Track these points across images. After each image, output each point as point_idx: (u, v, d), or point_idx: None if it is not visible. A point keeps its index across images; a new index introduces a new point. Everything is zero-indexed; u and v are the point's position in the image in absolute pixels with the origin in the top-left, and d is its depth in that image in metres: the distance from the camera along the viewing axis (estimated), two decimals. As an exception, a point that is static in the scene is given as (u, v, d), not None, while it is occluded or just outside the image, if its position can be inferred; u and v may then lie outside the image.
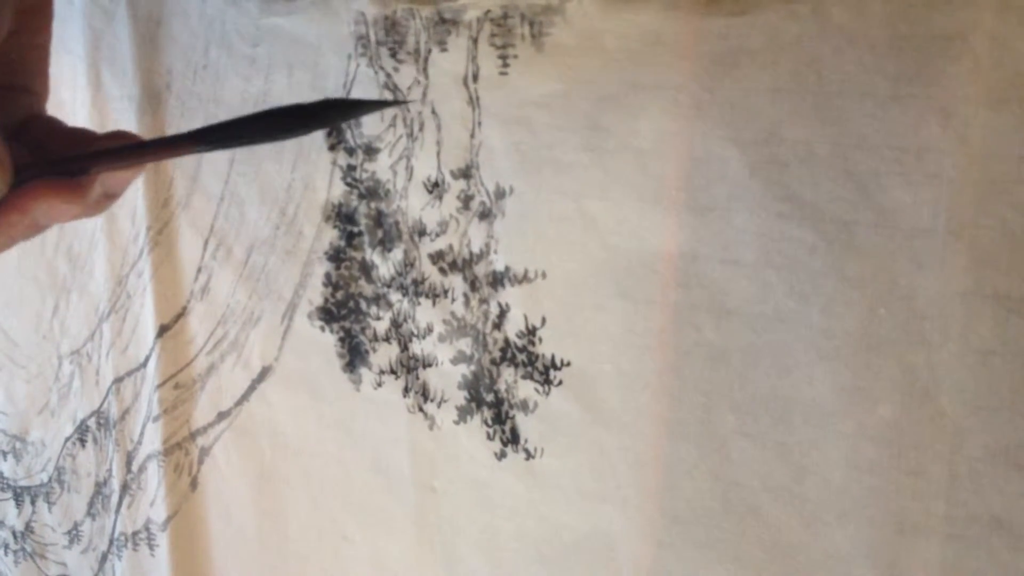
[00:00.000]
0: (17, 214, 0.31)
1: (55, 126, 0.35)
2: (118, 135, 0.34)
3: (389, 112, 0.48)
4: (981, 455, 0.36)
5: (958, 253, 0.35)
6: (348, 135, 0.50)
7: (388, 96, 0.48)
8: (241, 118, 0.31)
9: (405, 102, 0.47)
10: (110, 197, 0.34)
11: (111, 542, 0.66)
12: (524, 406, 0.47)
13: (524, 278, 0.46)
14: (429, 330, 0.49)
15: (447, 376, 0.49)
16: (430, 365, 0.50)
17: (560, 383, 0.46)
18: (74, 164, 0.32)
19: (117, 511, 0.65)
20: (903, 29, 0.35)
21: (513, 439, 0.47)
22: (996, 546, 0.36)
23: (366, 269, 0.51)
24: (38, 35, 0.36)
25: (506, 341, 0.47)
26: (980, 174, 0.35)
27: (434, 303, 0.49)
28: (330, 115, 0.32)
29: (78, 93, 0.59)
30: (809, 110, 0.37)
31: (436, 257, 0.48)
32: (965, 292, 0.36)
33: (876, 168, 0.36)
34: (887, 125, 0.36)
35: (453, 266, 0.48)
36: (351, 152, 0.50)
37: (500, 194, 0.46)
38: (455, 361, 0.49)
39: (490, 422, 0.48)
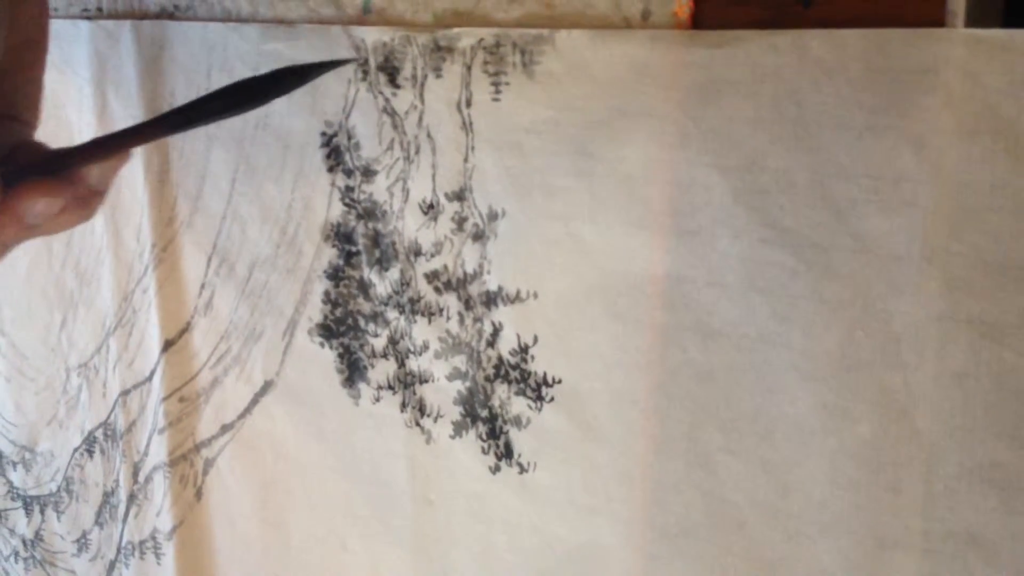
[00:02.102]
0: (3, 215, 0.33)
1: (41, 148, 0.37)
2: (94, 139, 0.36)
3: (387, 136, 0.50)
4: (957, 473, 0.37)
5: (933, 278, 0.37)
6: (347, 157, 0.51)
7: (387, 120, 0.50)
8: (203, 97, 0.33)
9: (351, 60, 0.48)
10: (97, 194, 0.35)
11: (119, 550, 0.67)
12: (517, 422, 0.48)
13: (516, 298, 0.47)
14: (425, 347, 0.51)
15: (443, 392, 0.50)
16: (426, 381, 0.51)
17: (552, 400, 0.47)
18: (55, 164, 0.34)
19: (124, 520, 0.66)
20: (879, 63, 0.36)
21: (507, 453, 0.49)
22: (971, 560, 0.38)
23: (364, 287, 0.52)
24: (31, 69, 0.38)
25: (499, 359, 0.48)
26: (953, 202, 0.36)
27: (430, 321, 0.50)
28: (287, 81, 0.34)
29: (84, 114, 0.61)
30: (789, 139, 0.39)
31: (431, 277, 0.50)
32: (940, 316, 0.37)
33: (853, 196, 0.38)
34: (864, 155, 0.37)
35: (448, 285, 0.49)
36: (349, 174, 0.52)
37: (493, 216, 0.47)
38: (451, 377, 0.50)
39: (485, 437, 0.49)
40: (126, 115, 0.59)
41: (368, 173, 0.51)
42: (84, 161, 0.34)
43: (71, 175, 0.34)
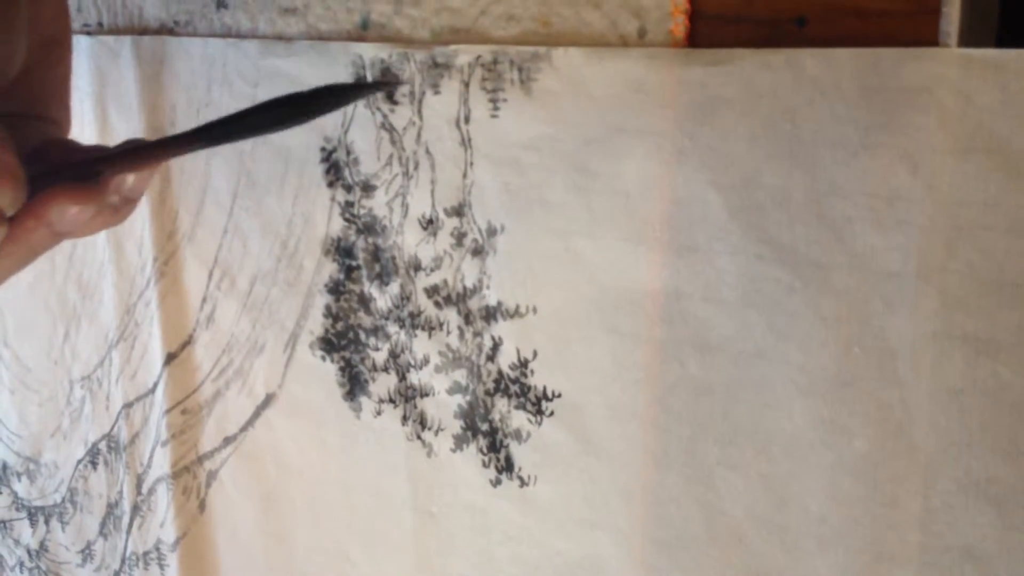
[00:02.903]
0: (33, 219, 0.32)
1: (71, 146, 0.36)
2: (129, 142, 0.35)
3: (385, 151, 0.50)
4: (954, 488, 0.38)
5: (928, 296, 0.37)
6: (346, 172, 0.52)
7: (385, 136, 0.50)
8: (241, 112, 0.32)
9: (398, 84, 0.47)
10: (129, 202, 0.35)
11: (123, 561, 0.68)
12: (517, 435, 0.48)
13: (516, 312, 0.47)
14: (426, 361, 0.51)
15: (443, 405, 0.51)
16: (427, 395, 0.51)
17: (552, 414, 0.47)
18: (85, 169, 0.33)
19: (128, 532, 0.67)
20: (873, 81, 0.36)
21: (508, 467, 0.49)
22: (969, 575, 0.38)
23: (364, 302, 0.52)
24: (57, 67, 0.38)
25: (499, 373, 0.48)
26: (948, 220, 0.36)
27: (430, 335, 0.50)
28: (327, 101, 0.33)
29: (85, 129, 0.61)
30: (785, 157, 0.39)
31: (431, 291, 0.50)
32: (935, 333, 0.37)
33: (849, 213, 0.38)
34: (859, 172, 0.37)
35: (448, 300, 0.49)
36: (349, 189, 0.52)
37: (492, 232, 0.47)
38: (451, 391, 0.50)
39: (485, 450, 0.50)
40: (127, 130, 0.59)
41: (367, 188, 0.51)
42: (120, 169, 0.33)
43: (105, 182, 0.33)
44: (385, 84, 0.46)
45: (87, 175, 0.33)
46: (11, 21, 0.33)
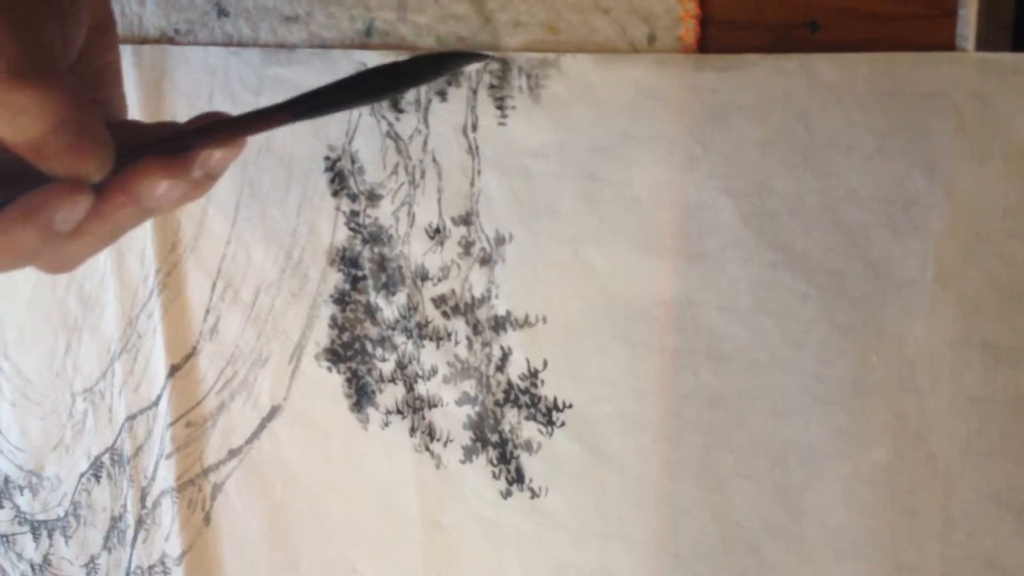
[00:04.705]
0: (122, 195, 0.32)
1: (140, 125, 0.36)
2: (208, 115, 0.35)
3: (391, 160, 0.49)
4: (974, 498, 0.37)
5: (946, 303, 0.36)
6: (351, 181, 0.51)
7: (391, 145, 0.49)
8: (330, 85, 0.32)
9: (491, 57, 0.44)
10: (211, 178, 0.34)
11: (128, 575, 0.67)
12: (528, 446, 0.48)
13: (525, 322, 0.47)
14: (434, 372, 0.50)
15: (452, 416, 0.50)
16: (435, 406, 0.51)
17: (563, 424, 0.47)
18: (173, 144, 0.33)
19: (133, 545, 0.66)
20: (888, 86, 0.36)
21: (518, 478, 0.48)
22: (990, 585, 0.37)
23: (371, 312, 0.52)
24: (109, 52, 0.37)
25: (509, 383, 0.48)
26: (966, 226, 0.36)
27: (438, 346, 0.50)
28: (421, 72, 0.32)
29: (86, 139, 0.61)
30: (799, 163, 0.38)
31: (439, 301, 0.49)
32: (954, 341, 0.36)
33: (864, 220, 0.37)
34: (874, 178, 0.37)
35: (456, 310, 0.49)
36: (354, 198, 0.51)
37: (500, 241, 0.47)
38: (460, 402, 0.50)
39: (495, 461, 0.49)
40: (128, 140, 0.59)
41: (373, 197, 0.51)
42: (208, 144, 0.33)
43: (193, 155, 0.33)
44: (478, 56, 0.44)
45: (175, 150, 0.32)
46: None
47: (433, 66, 0.32)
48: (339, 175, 0.52)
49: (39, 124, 0.29)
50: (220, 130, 0.33)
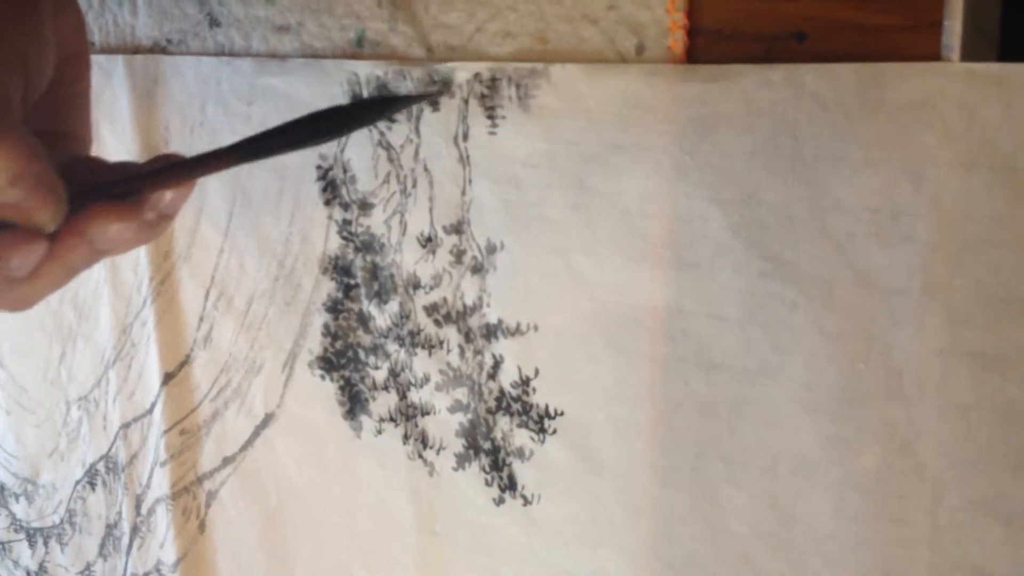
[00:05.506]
0: (75, 238, 0.32)
1: (99, 164, 0.36)
2: (162, 158, 0.35)
3: (383, 169, 0.50)
4: (961, 505, 0.37)
5: (934, 312, 0.37)
6: (343, 191, 0.51)
7: (382, 154, 0.49)
8: (278, 127, 0.32)
9: (437, 94, 0.46)
10: (166, 218, 0.35)
11: (123, 583, 0.67)
12: (520, 454, 0.48)
13: (517, 330, 0.47)
14: (426, 380, 0.50)
15: (445, 424, 0.50)
16: (428, 413, 0.51)
17: (555, 432, 0.47)
18: (124, 187, 0.33)
19: (128, 553, 0.66)
20: (875, 97, 0.36)
21: (511, 485, 0.49)
22: (979, 592, 0.38)
23: (363, 320, 0.52)
24: (78, 82, 0.37)
25: (501, 391, 0.48)
26: (953, 236, 0.36)
27: (430, 354, 0.50)
28: (366, 114, 0.33)
29: (79, 148, 0.61)
30: (787, 173, 0.39)
31: (431, 309, 0.49)
32: (941, 349, 0.37)
33: (852, 230, 0.38)
34: (862, 188, 0.37)
35: (447, 318, 0.49)
36: (346, 207, 0.51)
37: (491, 249, 0.47)
38: (452, 410, 0.50)
39: (488, 469, 0.49)
40: (121, 149, 0.59)
41: (365, 206, 0.51)
42: (159, 187, 0.33)
43: (144, 199, 0.33)
44: (420, 97, 0.45)
45: (125, 192, 0.33)
46: (41, 34, 0.33)
47: (378, 109, 0.33)
48: (331, 184, 0.52)
49: None
50: (172, 172, 0.34)
